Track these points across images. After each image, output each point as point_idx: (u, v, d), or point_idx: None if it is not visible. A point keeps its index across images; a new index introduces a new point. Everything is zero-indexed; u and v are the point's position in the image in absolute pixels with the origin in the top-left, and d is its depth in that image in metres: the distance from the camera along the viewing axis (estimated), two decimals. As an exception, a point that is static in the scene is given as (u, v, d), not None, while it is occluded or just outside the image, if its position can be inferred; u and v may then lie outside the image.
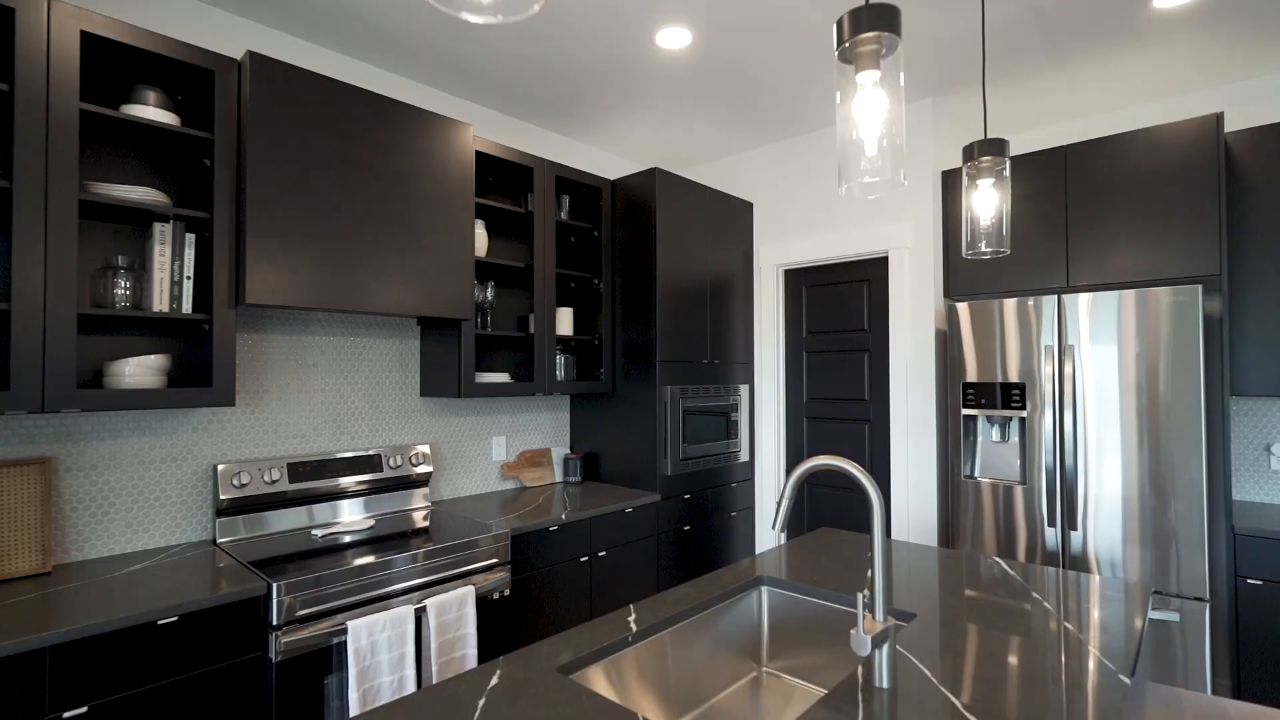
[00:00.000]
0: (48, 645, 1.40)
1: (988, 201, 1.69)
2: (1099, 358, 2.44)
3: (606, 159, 3.72)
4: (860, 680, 1.15)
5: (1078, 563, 2.47)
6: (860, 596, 1.07)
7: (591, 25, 2.33)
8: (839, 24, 1.10)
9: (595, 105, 3.03)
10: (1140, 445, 2.35)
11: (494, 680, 1.18)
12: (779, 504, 1.28)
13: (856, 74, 1.11)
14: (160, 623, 1.56)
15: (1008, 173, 1.68)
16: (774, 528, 1.25)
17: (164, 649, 1.56)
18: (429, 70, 2.70)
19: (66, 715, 1.42)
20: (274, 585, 1.73)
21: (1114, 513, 2.40)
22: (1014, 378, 2.62)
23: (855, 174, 1.10)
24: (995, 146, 1.65)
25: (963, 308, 2.73)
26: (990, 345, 2.67)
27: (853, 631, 1.10)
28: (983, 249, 1.71)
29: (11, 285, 1.59)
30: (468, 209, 2.49)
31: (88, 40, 1.75)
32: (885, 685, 1.13)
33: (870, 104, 1.08)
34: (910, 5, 2.20)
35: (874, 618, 1.16)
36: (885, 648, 1.14)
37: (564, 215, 3.13)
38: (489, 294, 2.80)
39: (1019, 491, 2.60)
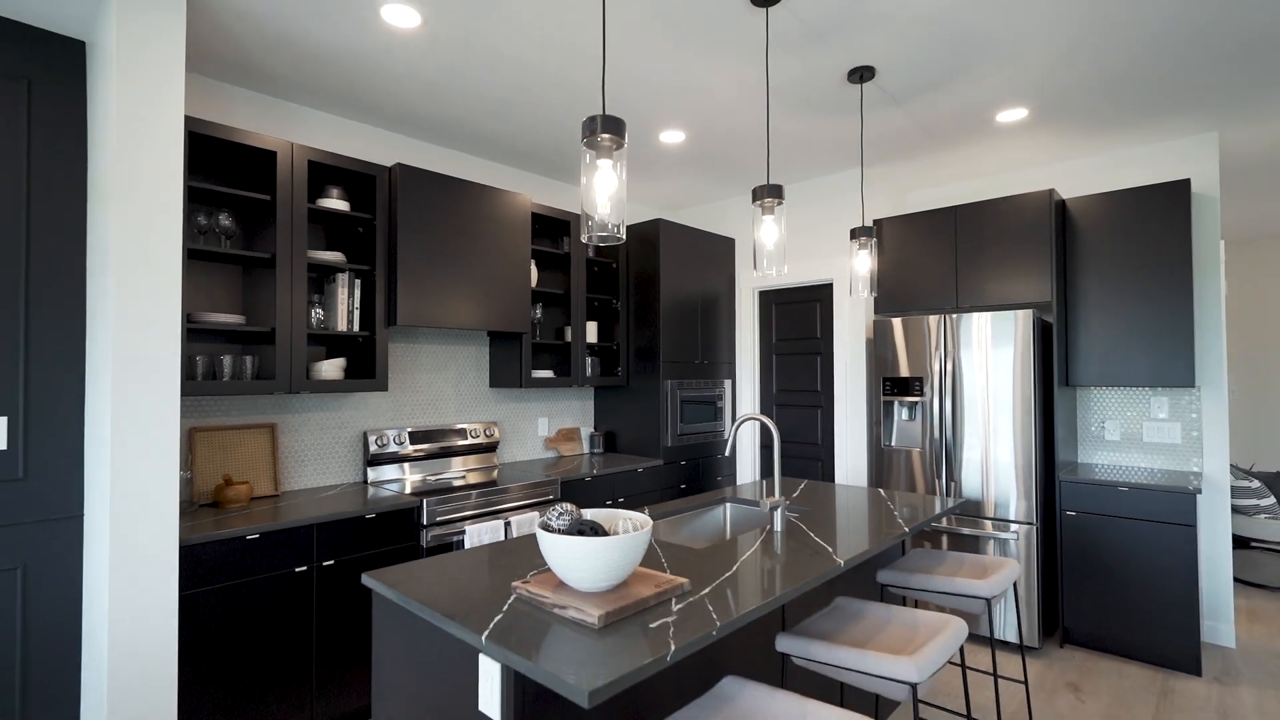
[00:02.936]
0: (314, 523, 2.47)
1: (863, 263, 2.75)
2: (971, 360, 3.48)
3: (621, 204, 4.78)
4: (765, 528, 2.21)
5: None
6: (763, 483, 2.12)
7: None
8: (753, 192, 2.15)
9: (614, 172, 4.10)
10: (997, 421, 3.40)
11: (576, 529, 2.23)
12: (728, 439, 2.32)
13: (762, 215, 2.16)
14: (367, 516, 2.62)
15: (875, 245, 2.73)
16: (726, 453, 2.30)
17: (367, 533, 2.63)
18: (497, 152, 3.76)
19: (325, 563, 2.49)
20: (424, 500, 2.80)
21: (979, 468, 3.45)
22: (917, 374, 3.66)
23: (763, 267, 2.15)
24: (867, 231, 2.70)
25: (896, 321, 3.77)
26: (909, 349, 3.72)
27: (760, 500, 2.15)
28: (861, 292, 2.76)
29: (276, 316, 2.65)
30: (525, 254, 3.55)
31: (310, 164, 2.82)
32: (778, 530, 2.18)
33: (768, 230, 2.14)
34: (836, 116, 3.25)
35: (774, 495, 2.22)
36: (779, 511, 2.19)
37: (591, 253, 4.18)
38: (538, 313, 3.86)
39: (918, 455, 3.65)
